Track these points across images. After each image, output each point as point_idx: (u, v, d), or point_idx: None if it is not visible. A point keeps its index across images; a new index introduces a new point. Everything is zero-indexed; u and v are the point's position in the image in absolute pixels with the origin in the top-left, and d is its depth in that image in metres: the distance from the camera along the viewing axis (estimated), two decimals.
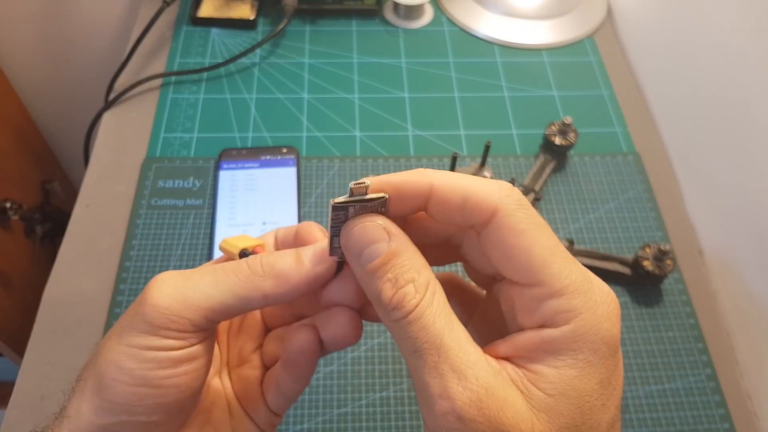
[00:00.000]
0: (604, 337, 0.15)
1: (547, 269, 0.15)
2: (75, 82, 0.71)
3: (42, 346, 0.33)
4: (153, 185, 0.40)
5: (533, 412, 0.14)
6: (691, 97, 0.41)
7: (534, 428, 0.14)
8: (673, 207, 0.41)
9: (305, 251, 0.18)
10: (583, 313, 0.15)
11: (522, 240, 0.15)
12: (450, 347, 0.15)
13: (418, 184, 0.16)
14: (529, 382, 0.15)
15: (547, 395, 0.14)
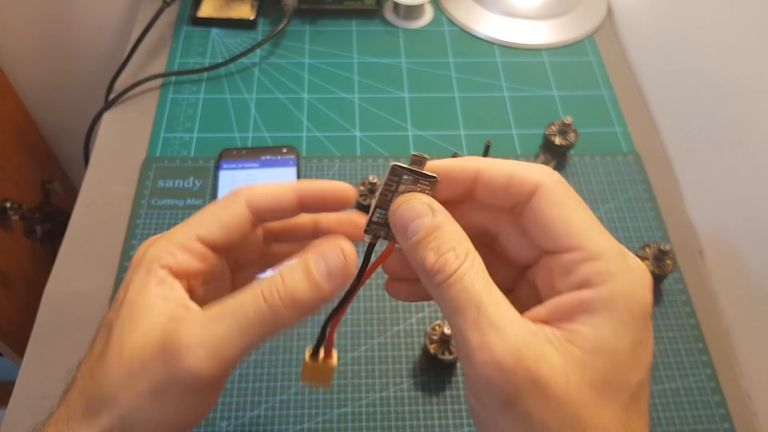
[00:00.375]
0: (639, 301, 0.16)
1: (585, 236, 0.16)
2: (75, 82, 0.71)
3: (42, 346, 0.34)
4: (153, 185, 0.40)
5: (568, 366, 0.15)
6: (691, 97, 0.41)
7: (569, 381, 0.15)
8: (673, 207, 0.41)
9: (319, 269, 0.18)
10: (620, 277, 0.16)
11: (562, 211, 0.17)
12: (488, 305, 0.16)
13: (466, 168, 0.18)
14: (566, 341, 0.15)
15: (583, 351, 0.15)
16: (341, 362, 0.33)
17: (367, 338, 0.34)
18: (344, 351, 0.34)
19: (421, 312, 0.36)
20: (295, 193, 0.20)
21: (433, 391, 0.33)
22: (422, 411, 0.32)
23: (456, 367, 0.34)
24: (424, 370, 0.33)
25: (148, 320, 0.17)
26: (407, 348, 0.34)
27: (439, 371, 0.33)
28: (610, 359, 0.15)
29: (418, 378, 0.33)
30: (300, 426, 0.31)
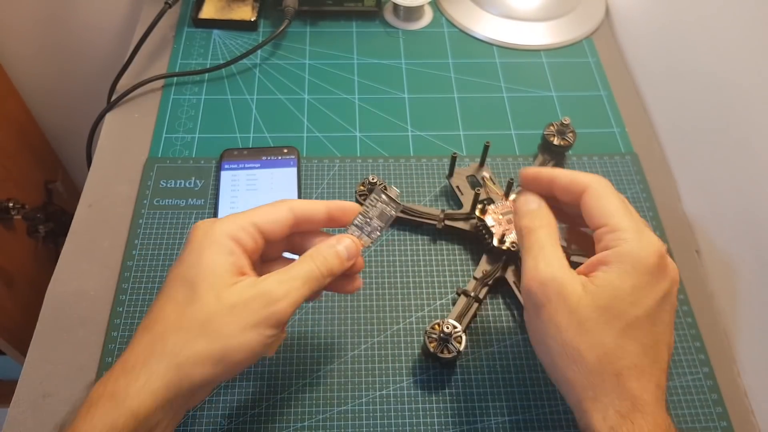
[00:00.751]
0: (641, 259, 0.24)
1: (612, 216, 0.25)
2: (77, 83, 0.71)
3: (44, 344, 0.34)
4: (155, 185, 0.41)
5: (584, 292, 0.24)
6: (689, 97, 0.42)
7: (581, 300, 0.24)
8: (670, 207, 0.41)
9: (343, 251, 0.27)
10: (630, 242, 0.24)
11: (599, 202, 0.25)
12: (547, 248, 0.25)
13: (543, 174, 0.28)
14: (588, 280, 0.24)
15: (595, 285, 0.24)
16: (341, 361, 0.34)
17: (368, 337, 0.35)
18: (344, 350, 0.34)
19: (420, 311, 0.36)
20: (325, 207, 0.28)
21: (433, 390, 0.33)
22: (422, 409, 0.32)
23: (456, 365, 0.34)
24: (424, 368, 0.34)
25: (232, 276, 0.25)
26: (407, 346, 0.34)
27: (439, 369, 0.34)
28: (612, 293, 0.24)
29: (418, 376, 0.33)
30: (301, 424, 0.32)
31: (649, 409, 0.22)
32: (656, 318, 0.24)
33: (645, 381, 0.23)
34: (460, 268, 0.38)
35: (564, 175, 0.27)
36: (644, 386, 0.23)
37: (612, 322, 0.23)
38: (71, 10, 0.63)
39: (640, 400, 0.23)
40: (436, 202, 0.41)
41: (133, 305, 0.35)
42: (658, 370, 0.24)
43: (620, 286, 0.23)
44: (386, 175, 0.42)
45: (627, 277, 0.24)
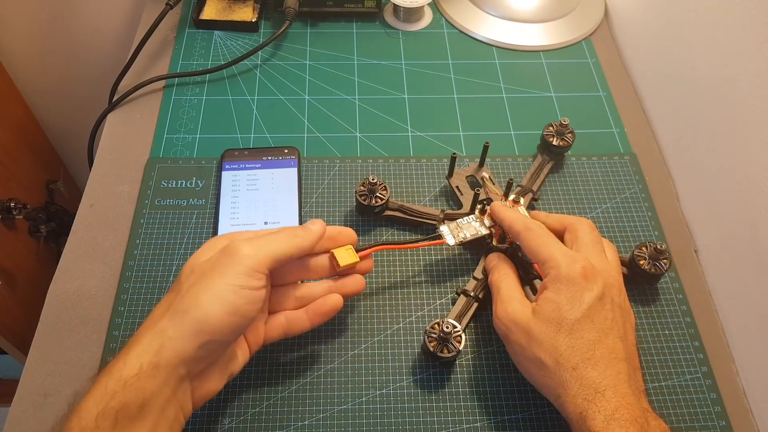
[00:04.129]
0: (568, 274, 0.29)
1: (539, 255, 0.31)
2: (79, 84, 0.71)
3: (46, 344, 0.34)
4: (156, 185, 0.41)
5: (533, 314, 0.30)
6: (687, 98, 0.42)
7: (530, 321, 0.30)
8: (668, 206, 0.42)
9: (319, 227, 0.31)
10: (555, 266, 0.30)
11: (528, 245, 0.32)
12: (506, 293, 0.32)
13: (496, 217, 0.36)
14: (535, 304, 0.30)
15: (539, 306, 0.30)
16: (341, 361, 0.34)
17: (368, 336, 0.35)
18: (344, 349, 0.34)
19: (420, 310, 0.36)
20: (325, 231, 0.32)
21: (433, 389, 0.33)
22: (422, 408, 0.32)
23: (455, 365, 0.34)
24: (424, 367, 0.34)
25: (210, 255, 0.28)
26: (407, 346, 0.35)
27: (439, 369, 0.34)
28: (552, 307, 0.29)
29: (418, 376, 0.33)
30: (300, 423, 0.32)
31: (610, 392, 0.26)
32: (594, 316, 0.29)
33: (601, 369, 0.27)
34: (460, 268, 0.38)
35: (505, 220, 0.34)
36: (602, 373, 0.27)
37: (558, 329, 0.28)
38: (73, 11, 0.63)
39: (601, 386, 0.27)
40: (435, 202, 0.41)
41: (135, 305, 0.35)
42: (614, 359, 0.28)
43: (557, 299, 0.29)
44: (386, 175, 0.42)
45: (561, 292, 0.29)
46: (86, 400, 0.23)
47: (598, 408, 0.26)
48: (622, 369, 0.27)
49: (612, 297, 0.30)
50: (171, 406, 0.25)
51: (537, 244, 0.31)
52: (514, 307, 0.31)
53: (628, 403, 0.26)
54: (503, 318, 0.31)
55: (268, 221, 0.39)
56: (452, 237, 0.35)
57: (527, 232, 0.32)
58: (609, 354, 0.28)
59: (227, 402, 0.32)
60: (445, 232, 0.35)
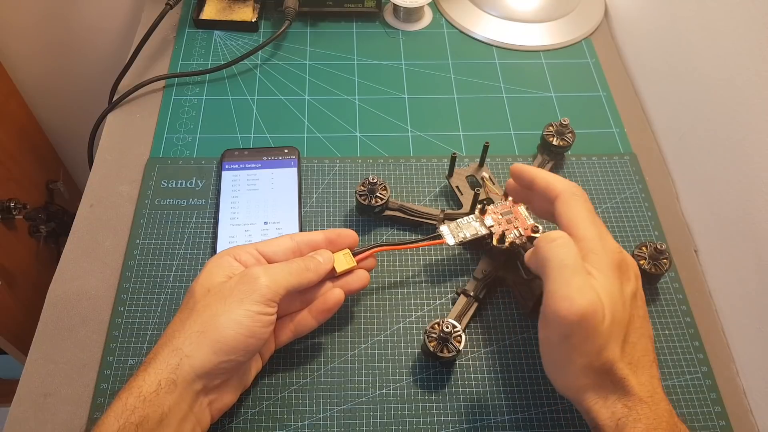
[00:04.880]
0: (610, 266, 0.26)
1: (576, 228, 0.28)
2: (79, 84, 0.71)
3: (46, 344, 0.34)
4: (156, 185, 0.41)
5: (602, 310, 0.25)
6: (687, 98, 0.42)
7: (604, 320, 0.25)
8: (668, 206, 0.42)
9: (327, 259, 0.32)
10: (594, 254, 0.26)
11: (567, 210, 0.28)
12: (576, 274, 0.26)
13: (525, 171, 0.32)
14: None
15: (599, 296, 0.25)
16: (341, 360, 0.34)
17: (368, 336, 0.35)
18: (345, 349, 0.34)
19: (420, 310, 0.36)
20: (323, 233, 0.33)
21: (433, 389, 0.33)
22: (422, 408, 0.32)
23: (455, 365, 0.34)
24: (424, 367, 0.34)
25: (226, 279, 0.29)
26: (407, 346, 0.35)
27: (439, 369, 0.34)
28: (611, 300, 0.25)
29: (418, 375, 0.33)
30: (301, 423, 0.32)
31: (649, 400, 0.25)
32: (633, 315, 0.27)
33: (639, 375, 0.26)
34: (460, 267, 0.38)
35: (542, 178, 0.30)
36: (639, 379, 0.26)
37: (618, 330, 0.25)
38: (73, 11, 0.63)
39: (640, 393, 0.25)
40: (435, 202, 0.41)
41: (135, 305, 0.35)
42: (648, 362, 0.26)
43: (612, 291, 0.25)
44: (386, 175, 0.42)
45: (613, 282, 0.26)
46: (107, 416, 0.25)
47: (639, 416, 0.24)
48: (654, 373, 0.26)
49: (642, 291, 0.28)
50: (188, 420, 0.27)
51: (580, 217, 0.27)
52: (592, 296, 0.24)
53: (663, 410, 0.25)
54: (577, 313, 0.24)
55: (268, 221, 0.39)
56: (452, 237, 0.35)
57: (571, 197, 0.28)
58: (644, 357, 0.26)
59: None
60: (445, 232, 0.35)
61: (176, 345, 0.26)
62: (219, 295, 0.28)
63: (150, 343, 0.34)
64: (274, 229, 0.38)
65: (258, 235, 0.38)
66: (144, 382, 0.25)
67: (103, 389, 0.32)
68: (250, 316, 0.27)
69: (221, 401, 0.29)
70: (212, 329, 0.27)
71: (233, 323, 0.27)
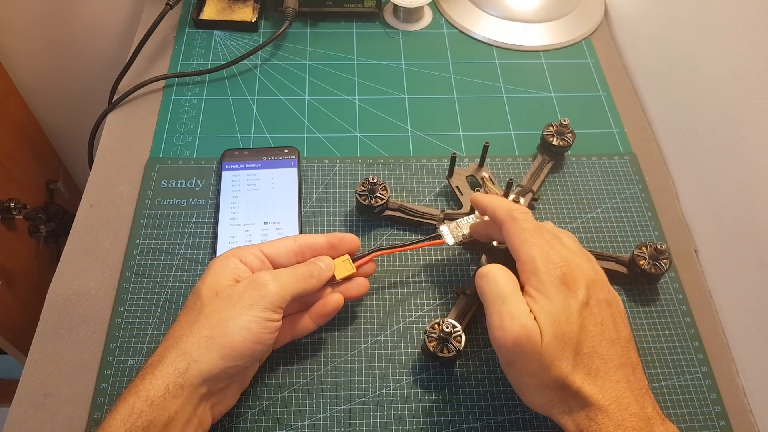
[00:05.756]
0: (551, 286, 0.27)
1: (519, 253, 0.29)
2: (79, 84, 0.71)
3: (46, 344, 0.34)
4: (156, 185, 0.41)
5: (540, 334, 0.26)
6: (687, 98, 0.42)
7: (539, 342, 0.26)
8: (668, 206, 0.42)
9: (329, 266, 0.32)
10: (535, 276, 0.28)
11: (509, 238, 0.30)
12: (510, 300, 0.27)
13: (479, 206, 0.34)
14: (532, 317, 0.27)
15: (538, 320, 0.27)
16: (341, 361, 0.34)
17: (368, 336, 0.35)
18: (345, 349, 0.34)
19: (420, 310, 0.36)
20: (325, 237, 0.33)
21: (433, 389, 0.33)
22: (421, 408, 0.32)
23: (455, 365, 0.34)
24: (424, 367, 0.34)
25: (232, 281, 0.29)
26: (407, 346, 0.35)
27: (439, 369, 0.34)
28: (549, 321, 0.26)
29: (418, 376, 0.34)
30: (301, 423, 0.32)
31: (614, 407, 0.25)
32: (586, 325, 0.26)
33: (600, 383, 0.26)
34: (460, 268, 0.38)
35: (489, 207, 0.32)
36: (601, 388, 0.26)
37: (564, 348, 0.26)
38: (73, 11, 0.63)
39: (601, 402, 0.25)
40: (435, 202, 0.41)
41: (135, 305, 0.35)
42: (611, 368, 0.26)
43: (553, 312, 0.26)
44: (386, 175, 0.42)
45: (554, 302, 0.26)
46: (113, 418, 0.25)
47: (599, 426, 0.25)
48: (620, 377, 0.26)
49: (597, 297, 0.27)
50: (192, 423, 0.27)
51: (520, 240, 0.28)
52: (526, 321, 0.26)
53: (630, 414, 0.25)
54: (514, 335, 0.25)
55: (268, 221, 0.39)
56: (452, 237, 0.35)
57: (512, 223, 0.29)
58: (605, 364, 0.26)
59: None
60: (445, 232, 0.35)
61: (184, 349, 0.26)
62: (228, 300, 0.28)
63: (150, 343, 0.34)
64: (274, 229, 0.38)
65: (258, 235, 0.38)
66: (151, 386, 0.25)
67: (103, 389, 0.32)
68: (258, 322, 0.27)
69: (223, 403, 0.29)
70: (221, 335, 0.27)
71: (242, 329, 0.27)
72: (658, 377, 0.34)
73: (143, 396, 0.25)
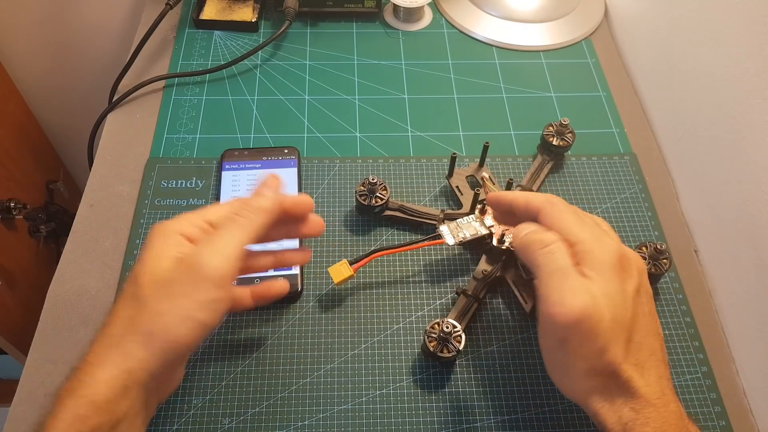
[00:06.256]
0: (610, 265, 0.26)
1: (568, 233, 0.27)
2: (79, 84, 0.71)
3: (46, 344, 0.34)
4: (156, 185, 0.41)
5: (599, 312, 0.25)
6: (687, 98, 0.42)
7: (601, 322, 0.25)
8: (668, 207, 0.42)
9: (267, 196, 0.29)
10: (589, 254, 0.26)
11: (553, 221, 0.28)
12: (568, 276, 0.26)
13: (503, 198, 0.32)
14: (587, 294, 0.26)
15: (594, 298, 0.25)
16: (341, 360, 0.34)
17: (368, 336, 0.35)
18: (345, 349, 0.34)
19: (420, 310, 0.36)
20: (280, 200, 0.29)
21: (433, 388, 0.33)
22: (421, 408, 0.32)
23: (455, 365, 0.34)
24: (424, 367, 0.34)
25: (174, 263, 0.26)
26: (407, 346, 0.35)
27: (439, 369, 0.34)
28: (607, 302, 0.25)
29: (418, 376, 0.34)
30: (301, 423, 0.32)
31: (659, 402, 0.24)
32: (638, 313, 0.26)
33: (647, 376, 0.25)
34: (460, 268, 0.38)
35: (520, 198, 0.30)
36: (647, 380, 0.25)
37: (620, 332, 0.24)
38: (73, 11, 0.63)
39: (649, 395, 0.24)
40: (435, 202, 0.41)
41: None
42: (656, 362, 0.25)
43: (609, 293, 0.25)
44: (386, 175, 0.42)
45: (611, 283, 0.25)
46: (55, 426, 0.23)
47: (646, 420, 0.24)
48: (662, 372, 0.25)
49: (646, 286, 0.27)
50: (140, 415, 0.25)
51: (567, 222, 0.27)
52: (585, 299, 0.24)
53: (671, 411, 0.24)
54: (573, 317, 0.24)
55: None
56: (452, 237, 0.35)
57: (552, 207, 0.28)
58: (651, 356, 0.25)
59: (226, 402, 0.32)
60: (445, 232, 0.35)
61: (126, 349, 0.24)
62: (166, 290, 0.25)
63: None
64: None
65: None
66: (95, 389, 0.23)
67: None
68: (201, 307, 0.25)
69: (170, 386, 0.28)
70: (163, 330, 0.24)
71: (185, 320, 0.24)
72: None
73: (86, 399, 0.23)
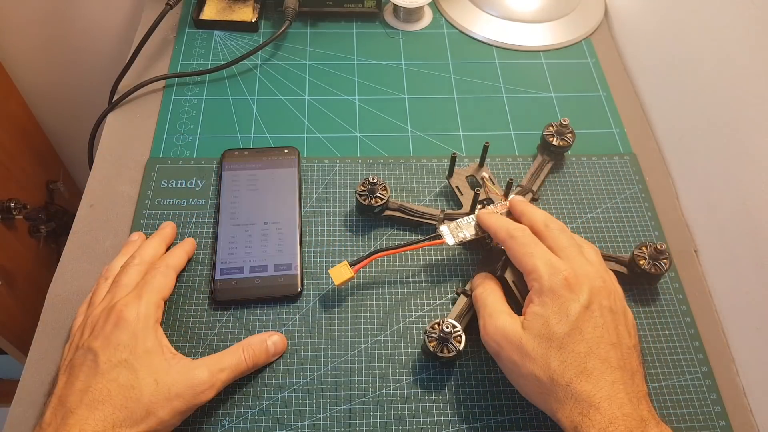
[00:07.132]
0: (551, 286, 0.29)
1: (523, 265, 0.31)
2: (79, 84, 0.71)
3: (46, 344, 0.34)
4: (156, 185, 0.41)
5: (523, 330, 0.29)
6: (687, 98, 0.42)
7: (522, 337, 0.29)
8: (668, 207, 0.42)
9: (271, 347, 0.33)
10: (539, 278, 0.30)
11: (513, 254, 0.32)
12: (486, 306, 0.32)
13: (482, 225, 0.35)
14: (523, 318, 0.30)
15: (526, 319, 0.30)
16: (341, 361, 0.34)
17: (368, 336, 0.35)
18: (345, 349, 0.34)
19: (420, 310, 0.36)
20: None
21: (433, 388, 0.33)
22: (422, 408, 0.32)
23: (455, 365, 0.34)
24: (424, 367, 0.34)
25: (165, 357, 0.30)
26: (407, 346, 0.35)
27: (439, 369, 0.34)
28: (541, 322, 0.29)
29: (418, 376, 0.34)
30: (301, 423, 0.32)
31: (605, 404, 0.26)
32: (583, 327, 0.28)
33: (595, 381, 0.27)
34: (460, 268, 0.38)
35: (491, 228, 0.34)
36: (595, 386, 0.27)
37: (549, 345, 0.28)
38: (73, 11, 0.63)
39: (595, 399, 0.26)
40: (435, 202, 0.41)
41: None
42: (608, 369, 0.27)
43: (544, 314, 0.29)
44: (386, 175, 0.42)
45: (547, 305, 0.29)
46: None
47: (592, 422, 0.26)
48: (616, 378, 0.27)
49: (600, 303, 0.29)
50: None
51: (521, 254, 0.31)
52: (503, 321, 0.30)
53: (623, 413, 0.26)
54: (493, 334, 0.30)
55: (268, 221, 0.39)
56: (452, 237, 0.35)
57: (510, 240, 0.32)
58: (602, 364, 0.27)
59: (227, 402, 0.32)
60: (445, 232, 0.35)
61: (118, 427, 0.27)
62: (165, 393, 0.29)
63: None
64: (274, 229, 0.38)
65: (258, 234, 0.38)
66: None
67: None
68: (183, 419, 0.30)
69: None
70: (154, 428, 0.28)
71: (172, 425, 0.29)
72: (658, 377, 0.34)
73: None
